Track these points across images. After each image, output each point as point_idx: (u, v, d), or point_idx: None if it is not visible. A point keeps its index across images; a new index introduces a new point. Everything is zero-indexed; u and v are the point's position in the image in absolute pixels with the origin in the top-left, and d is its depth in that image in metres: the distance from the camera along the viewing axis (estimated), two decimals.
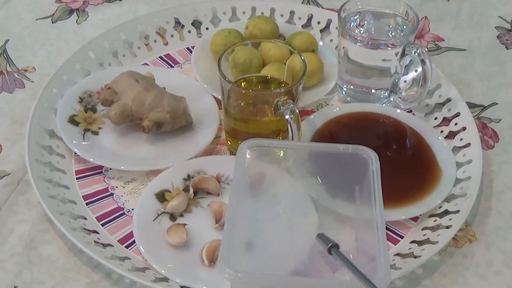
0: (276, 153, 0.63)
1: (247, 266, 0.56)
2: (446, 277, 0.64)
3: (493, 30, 0.94)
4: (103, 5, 0.95)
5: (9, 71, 0.84)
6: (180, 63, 0.86)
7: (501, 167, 0.75)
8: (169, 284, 0.60)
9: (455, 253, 0.66)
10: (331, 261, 0.58)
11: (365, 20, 0.78)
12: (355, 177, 0.61)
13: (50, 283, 0.62)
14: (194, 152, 0.72)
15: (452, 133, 0.76)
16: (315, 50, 0.82)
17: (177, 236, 0.63)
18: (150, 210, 0.66)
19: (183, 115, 0.73)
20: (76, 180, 0.71)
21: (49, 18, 0.92)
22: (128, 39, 0.86)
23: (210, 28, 0.89)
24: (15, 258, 0.64)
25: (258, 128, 0.71)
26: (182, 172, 0.69)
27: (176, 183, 0.68)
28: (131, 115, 0.71)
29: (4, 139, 0.75)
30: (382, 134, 0.76)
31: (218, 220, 0.65)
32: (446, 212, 0.67)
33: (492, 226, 0.69)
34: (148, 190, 0.68)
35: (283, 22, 0.89)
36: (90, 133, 0.74)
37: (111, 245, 0.65)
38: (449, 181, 0.70)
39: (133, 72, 0.73)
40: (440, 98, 0.80)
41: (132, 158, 0.72)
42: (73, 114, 0.74)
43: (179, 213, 0.67)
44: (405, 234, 0.67)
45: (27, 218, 0.67)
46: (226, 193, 0.68)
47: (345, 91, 0.80)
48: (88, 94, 0.77)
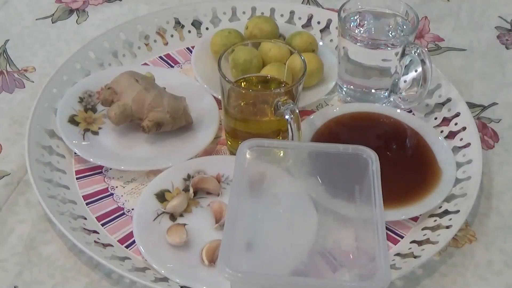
0: (276, 153, 0.63)
1: (247, 266, 0.56)
2: (446, 277, 0.64)
3: (493, 30, 0.94)
4: (103, 5, 0.95)
5: (9, 71, 0.84)
6: (180, 63, 0.86)
7: (501, 167, 0.75)
8: (169, 284, 0.60)
9: (455, 253, 0.66)
10: (331, 261, 0.58)
11: (365, 20, 0.78)
12: (355, 177, 0.61)
13: (50, 283, 0.62)
14: (194, 152, 0.72)
15: (452, 133, 0.76)
16: (315, 50, 0.82)
17: (177, 236, 0.63)
18: (150, 210, 0.66)
19: (183, 115, 0.73)
20: (76, 180, 0.71)
21: (49, 18, 0.92)
22: (128, 39, 0.86)
23: (210, 28, 0.89)
24: (15, 258, 0.64)
25: (258, 128, 0.71)
26: (182, 172, 0.69)
27: (176, 183, 0.68)
28: (131, 115, 0.71)
29: (4, 139, 0.75)
30: (382, 134, 0.76)
31: (218, 220, 0.65)
32: (446, 212, 0.67)
33: (492, 226, 0.69)
34: (148, 190, 0.68)
35: (283, 22, 0.89)
36: (90, 133, 0.74)
37: (111, 245, 0.65)
38: (449, 181, 0.70)
39: (133, 72, 0.73)
40: (440, 98, 0.80)
41: (132, 158, 0.72)
42: (73, 114, 0.74)
43: (179, 213, 0.67)
44: (405, 234, 0.67)
45: (27, 218, 0.67)
46: (226, 193, 0.68)
47: (345, 91, 0.80)
48: (88, 94, 0.77)
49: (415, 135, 0.75)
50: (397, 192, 0.67)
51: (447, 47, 0.91)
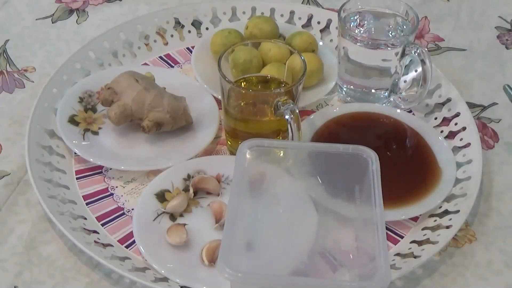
0: (276, 153, 0.63)
1: (247, 266, 0.56)
2: (446, 277, 0.64)
3: (493, 30, 0.94)
4: (103, 5, 0.95)
5: (9, 71, 0.84)
6: (180, 63, 0.86)
7: (501, 167, 0.75)
8: (169, 284, 0.60)
9: (455, 253, 0.66)
10: (331, 261, 0.58)
11: (365, 20, 0.78)
12: (355, 177, 0.61)
13: (50, 283, 0.62)
14: (194, 152, 0.72)
15: (452, 133, 0.76)
16: (315, 50, 0.82)
17: (177, 236, 0.63)
18: (150, 210, 0.66)
19: (183, 115, 0.73)
20: (76, 180, 0.71)
21: (49, 18, 0.92)
22: (128, 39, 0.86)
23: (210, 28, 0.89)
24: (15, 258, 0.64)
25: (258, 128, 0.71)
26: (182, 172, 0.69)
27: (176, 183, 0.68)
28: (131, 115, 0.71)
29: (4, 139, 0.75)
30: (382, 134, 0.76)
31: (218, 220, 0.65)
32: (446, 212, 0.67)
33: (492, 226, 0.69)
34: (148, 190, 0.68)
35: (283, 22, 0.89)
36: (90, 133, 0.74)
37: (111, 245, 0.65)
38: (449, 181, 0.70)
39: (133, 72, 0.73)
40: (440, 98, 0.80)
41: (132, 158, 0.72)
42: (73, 114, 0.74)
43: (179, 213, 0.67)
44: (405, 234, 0.67)
45: (27, 218, 0.67)
46: (226, 193, 0.68)
47: (345, 91, 0.80)
48: (88, 94, 0.77)
49: (415, 135, 0.75)
50: (397, 192, 0.67)
51: (447, 47, 0.91)
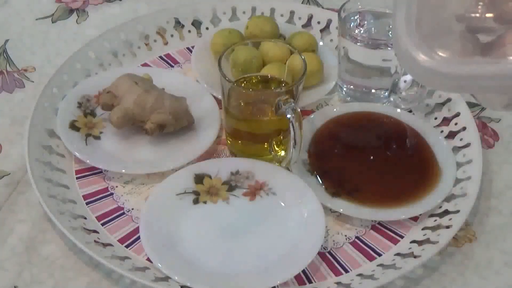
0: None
1: None
2: (446, 277, 0.64)
3: None
4: (103, 5, 0.95)
5: (9, 71, 0.84)
6: (180, 63, 0.86)
7: (501, 167, 0.75)
8: (169, 284, 0.60)
9: (455, 253, 0.66)
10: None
11: (365, 20, 0.78)
12: None
13: (50, 283, 0.62)
14: (197, 153, 0.71)
15: (452, 133, 0.76)
16: (315, 50, 0.82)
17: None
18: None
19: (185, 115, 0.73)
20: (76, 180, 0.71)
21: (49, 18, 0.92)
22: (128, 39, 0.86)
23: (210, 28, 0.89)
24: (15, 258, 0.64)
25: (259, 128, 0.71)
26: (191, 172, 0.69)
27: (187, 183, 0.68)
28: (133, 118, 0.71)
29: (4, 139, 0.75)
30: (382, 134, 0.76)
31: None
32: (446, 212, 0.67)
33: (492, 226, 0.68)
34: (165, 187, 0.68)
35: (283, 22, 0.89)
36: (92, 138, 0.73)
37: (111, 244, 0.65)
38: (449, 181, 0.69)
39: (131, 75, 0.73)
40: (440, 98, 0.80)
41: (136, 161, 0.71)
42: (73, 120, 0.74)
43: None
44: (405, 234, 0.67)
45: (27, 218, 0.67)
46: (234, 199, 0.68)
47: (345, 91, 0.80)
48: (86, 98, 0.76)
49: (415, 135, 0.75)
50: (397, 192, 0.67)
51: None
